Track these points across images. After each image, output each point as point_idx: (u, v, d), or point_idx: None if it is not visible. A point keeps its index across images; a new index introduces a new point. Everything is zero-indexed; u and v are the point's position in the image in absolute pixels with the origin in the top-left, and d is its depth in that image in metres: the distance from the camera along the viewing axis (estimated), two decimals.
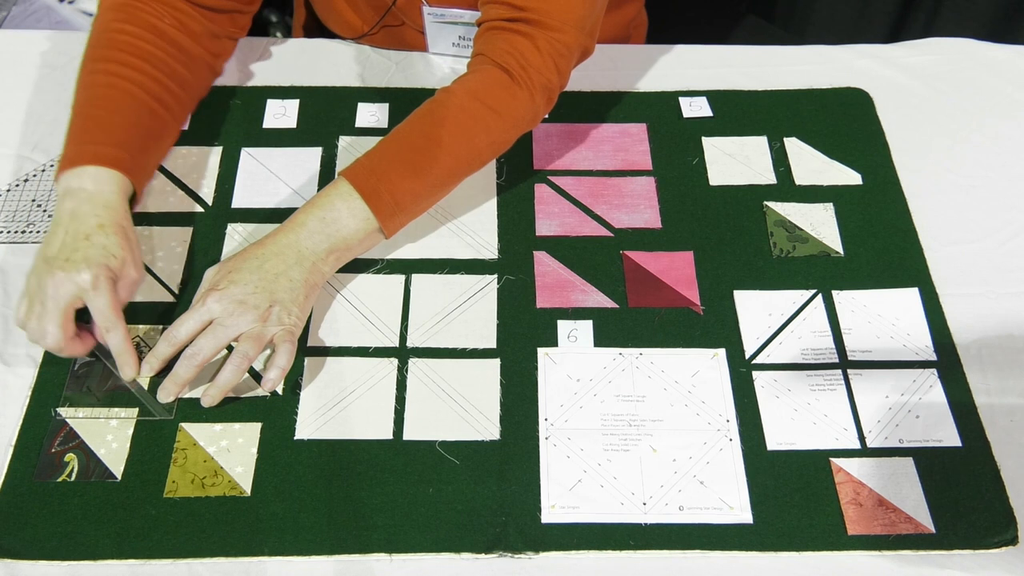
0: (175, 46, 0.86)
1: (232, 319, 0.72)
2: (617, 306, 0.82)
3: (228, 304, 0.73)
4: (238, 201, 0.88)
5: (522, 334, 0.80)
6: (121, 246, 0.74)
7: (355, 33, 1.03)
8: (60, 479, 0.70)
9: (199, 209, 0.87)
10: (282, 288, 0.74)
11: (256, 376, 0.76)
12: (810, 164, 0.93)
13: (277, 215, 0.87)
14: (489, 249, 0.85)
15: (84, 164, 0.76)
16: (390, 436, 0.74)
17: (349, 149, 0.93)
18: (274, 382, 0.73)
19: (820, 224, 0.88)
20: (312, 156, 0.92)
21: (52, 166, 0.90)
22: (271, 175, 0.90)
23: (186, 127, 0.93)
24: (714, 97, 0.99)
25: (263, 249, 0.76)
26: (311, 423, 0.74)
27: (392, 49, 1.03)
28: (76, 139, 0.78)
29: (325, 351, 0.78)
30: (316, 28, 1.14)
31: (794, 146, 0.94)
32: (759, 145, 0.95)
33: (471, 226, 0.87)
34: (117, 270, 0.73)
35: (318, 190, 0.88)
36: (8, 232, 0.85)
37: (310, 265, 0.76)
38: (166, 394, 0.73)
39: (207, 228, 0.86)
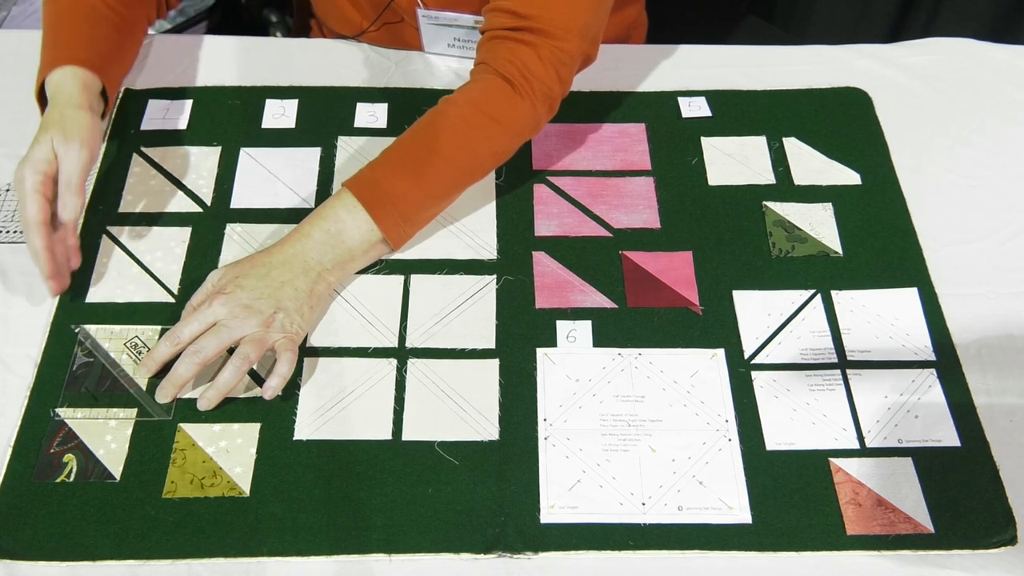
0: None
1: (236, 322, 0.73)
2: (616, 306, 0.82)
3: (234, 307, 0.73)
4: (237, 201, 0.88)
5: (521, 334, 0.80)
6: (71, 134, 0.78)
7: (355, 30, 1.03)
8: (59, 479, 0.70)
9: (198, 209, 0.87)
10: (287, 296, 0.75)
11: (255, 376, 0.76)
12: (809, 164, 0.93)
13: (276, 215, 0.87)
14: (488, 249, 0.85)
15: (58, 65, 0.81)
16: (389, 436, 0.74)
17: (348, 150, 0.93)
18: (275, 390, 0.73)
19: (819, 224, 0.88)
20: (311, 156, 0.92)
21: None
22: (270, 175, 0.90)
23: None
24: (713, 97, 0.99)
25: (270, 258, 0.76)
26: (310, 423, 0.74)
27: (391, 47, 1.03)
28: (50, 48, 0.84)
29: (324, 351, 0.78)
30: (316, 28, 1.14)
31: (793, 146, 0.94)
32: (758, 145, 0.95)
33: (470, 226, 0.87)
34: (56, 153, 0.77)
35: (317, 190, 0.89)
36: (8, 232, 0.85)
37: (315, 275, 0.77)
38: (164, 395, 0.73)
39: (206, 228, 0.86)
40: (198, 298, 0.76)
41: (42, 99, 0.84)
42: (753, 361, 0.79)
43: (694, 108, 0.98)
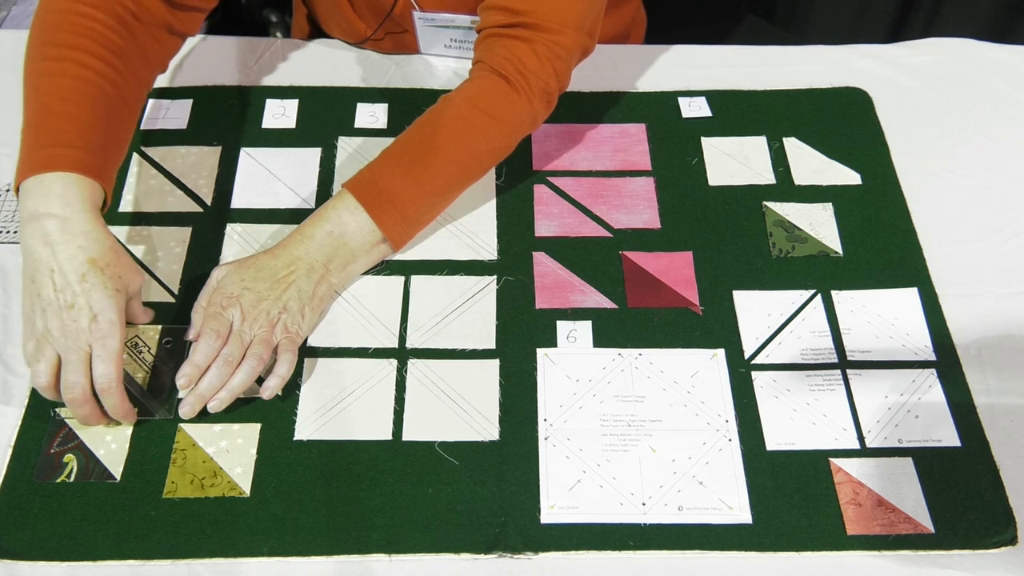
0: (136, 38, 0.79)
1: (246, 324, 0.73)
2: (616, 306, 0.82)
3: (245, 310, 0.74)
4: (237, 201, 0.88)
5: (521, 335, 0.80)
6: (119, 275, 0.71)
7: (358, 37, 1.03)
8: (59, 480, 0.70)
9: (198, 209, 0.87)
10: (291, 297, 0.76)
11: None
12: (809, 164, 0.93)
13: (276, 215, 0.87)
14: (488, 250, 0.85)
15: (55, 170, 0.69)
16: (389, 437, 0.74)
17: (349, 150, 0.93)
18: (273, 390, 0.73)
19: (819, 224, 0.88)
20: (311, 156, 0.92)
21: None
22: (270, 175, 0.90)
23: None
24: (713, 97, 0.99)
25: (275, 260, 0.77)
26: (310, 424, 0.74)
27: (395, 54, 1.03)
28: (44, 140, 0.71)
29: (325, 352, 0.78)
30: (315, 29, 1.14)
31: (793, 146, 0.94)
32: (758, 145, 0.95)
33: (470, 227, 0.87)
34: (121, 305, 0.71)
35: (317, 190, 0.89)
36: (8, 232, 0.85)
37: (319, 277, 0.77)
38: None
39: (206, 228, 0.86)
40: (205, 298, 0.76)
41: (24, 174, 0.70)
42: (753, 361, 0.79)
43: (694, 108, 0.98)
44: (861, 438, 0.74)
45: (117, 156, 0.77)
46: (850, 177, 0.92)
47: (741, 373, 0.78)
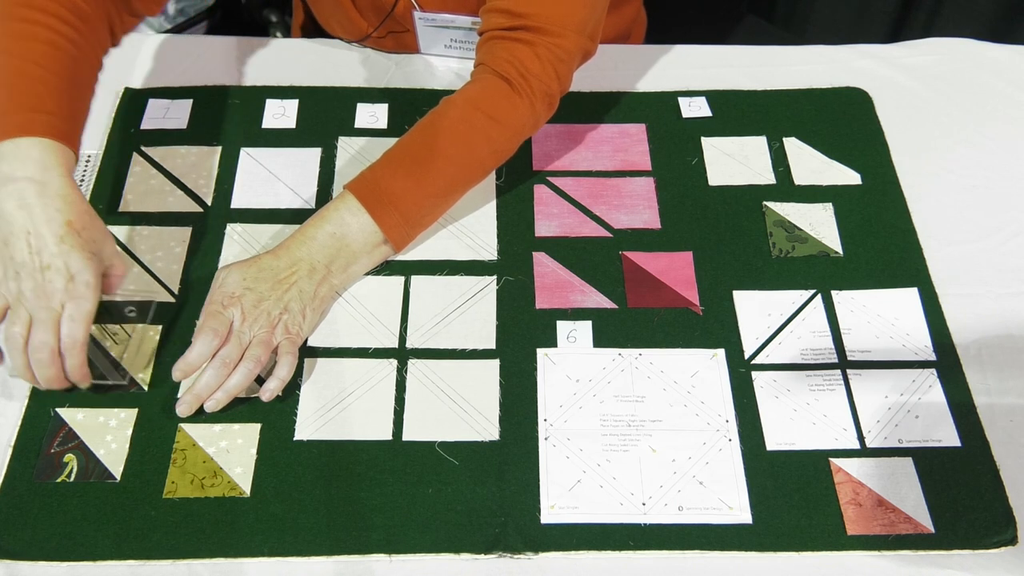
0: (100, 3, 0.78)
1: (246, 325, 0.74)
2: (616, 307, 0.82)
3: (246, 311, 0.74)
4: (237, 201, 0.88)
5: (521, 335, 0.80)
6: (94, 239, 0.70)
7: (360, 35, 1.03)
8: (59, 479, 0.70)
9: (198, 209, 0.87)
10: (293, 298, 0.76)
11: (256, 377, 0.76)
12: (809, 164, 0.93)
13: (276, 216, 0.87)
14: (488, 250, 0.85)
15: (32, 135, 0.69)
16: (389, 437, 0.74)
17: (349, 150, 0.93)
18: (272, 392, 0.73)
19: (819, 224, 0.88)
20: (311, 156, 0.92)
21: None
22: (270, 175, 0.90)
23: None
24: (713, 97, 0.99)
25: (277, 261, 0.77)
26: (310, 424, 0.74)
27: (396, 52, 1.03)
28: (19, 104, 0.70)
29: (325, 352, 0.78)
30: (315, 29, 1.14)
31: (793, 146, 0.94)
32: (758, 145, 0.95)
33: (470, 227, 0.87)
34: (98, 270, 0.70)
35: (317, 191, 0.89)
36: None
37: (320, 278, 0.78)
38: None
39: (206, 228, 0.86)
40: (211, 299, 0.76)
41: None
42: (753, 361, 0.79)
43: (694, 108, 0.98)
44: (861, 438, 0.74)
45: (83, 122, 0.76)
46: (850, 177, 0.92)
47: (741, 373, 0.78)
